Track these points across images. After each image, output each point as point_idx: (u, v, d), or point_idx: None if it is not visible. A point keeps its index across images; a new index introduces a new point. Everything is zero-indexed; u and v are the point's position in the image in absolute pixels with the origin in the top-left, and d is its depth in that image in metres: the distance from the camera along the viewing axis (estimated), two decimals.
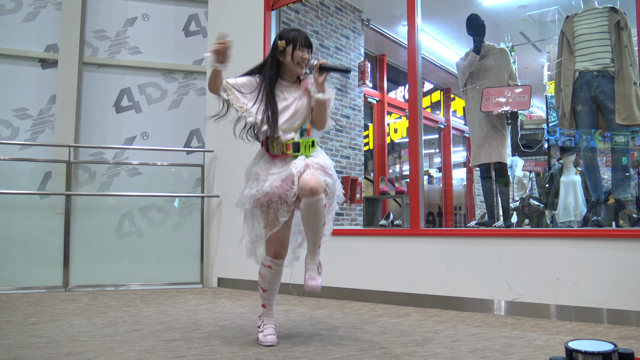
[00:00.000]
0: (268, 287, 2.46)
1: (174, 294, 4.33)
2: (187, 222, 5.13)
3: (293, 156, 2.35)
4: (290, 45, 2.42)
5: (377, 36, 6.68)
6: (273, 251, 2.38)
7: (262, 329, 2.46)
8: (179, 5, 5.50)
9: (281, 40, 2.43)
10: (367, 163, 6.78)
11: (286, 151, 2.36)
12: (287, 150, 2.36)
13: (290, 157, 2.35)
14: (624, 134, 3.71)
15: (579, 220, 4.77)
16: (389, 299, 3.72)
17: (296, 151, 2.36)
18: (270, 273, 2.42)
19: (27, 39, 5.09)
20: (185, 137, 5.40)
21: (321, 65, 2.36)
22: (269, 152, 2.40)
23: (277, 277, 2.45)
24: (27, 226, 4.79)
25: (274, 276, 2.43)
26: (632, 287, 2.82)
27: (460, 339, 2.49)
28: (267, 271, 2.42)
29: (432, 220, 6.40)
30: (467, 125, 4.93)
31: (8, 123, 4.97)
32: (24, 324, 2.95)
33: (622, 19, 3.70)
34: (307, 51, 2.42)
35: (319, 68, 2.37)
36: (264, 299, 2.50)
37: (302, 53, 2.41)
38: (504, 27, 6.06)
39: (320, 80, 2.37)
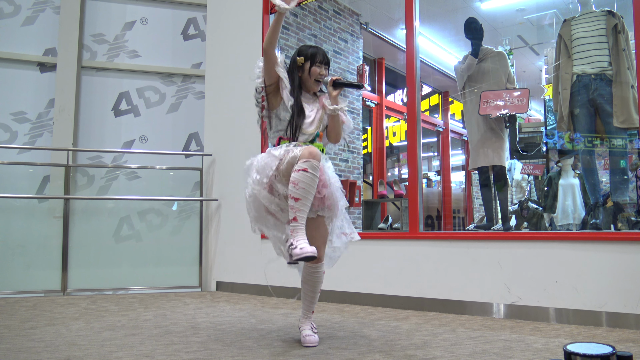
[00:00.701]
0: (302, 195, 2.16)
1: (173, 298, 4.32)
2: (186, 225, 5.12)
3: None
4: (309, 61, 2.48)
5: (376, 40, 6.70)
6: (309, 151, 2.18)
7: (295, 245, 2.14)
8: (177, 9, 5.51)
9: (300, 57, 2.49)
10: (365, 166, 6.78)
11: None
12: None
13: None
14: (621, 137, 3.72)
15: (577, 223, 4.77)
16: (387, 303, 3.71)
17: None
18: (305, 178, 2.15)
19: (26, 42, 5.09)
20: (184, 140, 5.40)
21: (335, 81, 2.45)
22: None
23: (313, 184, 2.18)
24: (25, 230, 4.78)
25: (309, 181, 2.16)
26: (630, 290, 2.82)
27: (459, 343, 2.49)
28: (300, 175, 2.15)
29: (431, 224, 6.40)
30: (465, 129, 4.95)
31: (6, 127, 4.96)
32: (22, 328, 2.94)
33: (619, 23, 3.71)
34: (324, 68, 2.49)
35: (333, 83, 2.45)
36: (296, 210, 2.18)
37: (320, 69, 2.48)
38: (501, 30, 6.08)
39: (334, 94, 2.45)
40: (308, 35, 5.52)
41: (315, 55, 2.48)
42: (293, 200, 2.18)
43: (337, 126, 2.52)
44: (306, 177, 2.16)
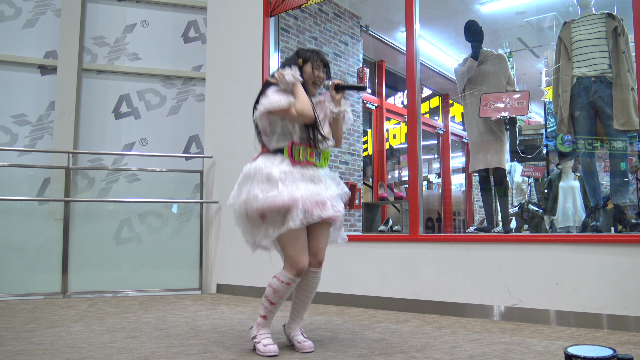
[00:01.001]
0: (277, 302, 2.37)
1: (173, 300, 4.32)
2: (186, 228, 5.12)
3: (315, 164, 2.41)
4: (308, 63, 2.46)
5: (376, 42, 6.70)
6: (298, 268, 2.30)
7: (259, 340, 2.36)
8: (178, 12, 5.52)
9: (299, 59, 2.48)
10: (366, 169, 6.78)
11: (309, 158, 2.40)
12: (311, 158, 2.40)
13: (312, 164, 2.40)
14: (622, 139, 3.72)
15: (577, 225, 4.77)
16: (388, 305, 3.71)
17: (318, 160, 2.43)
18: (285, 289, 2.33)
19: (27, 45, 5.10)
20: (184, 143, 5.40)
21: (337, 85, 2.46)
22: (292, 159, 2.37)
23: (290, 292, 2.37)
24: (25, 232, 4.78)
25: (287, 291, 2.35)
26: (631, 293, 2.82)
27: (459, 345, 2.49)
28: (282, 287, 2.32)
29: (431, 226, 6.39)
30: (465, 131, 4.95)
31: (7, 129, 4.97)
32: (23, 330, 2.94)
33: (619, 25, 3.72)
34: (322, 70, 2.48)
35: (335, 87, 2.46)
36: (269, 311, 2.39)
37: (318, 72, 2.46)
38: (501, 33, 6.09)
39: (337, 98, 2.47)
40: (308, 37, 5.52)
41: (314, 57, 2.47)
42: (268, 302, 2.37)
43: (341, 129, 2.54)
44: (286, 289, 2.33)
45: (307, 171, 2.37)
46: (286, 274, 2.31)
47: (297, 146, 2.38)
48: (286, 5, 4.64)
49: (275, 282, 2.34)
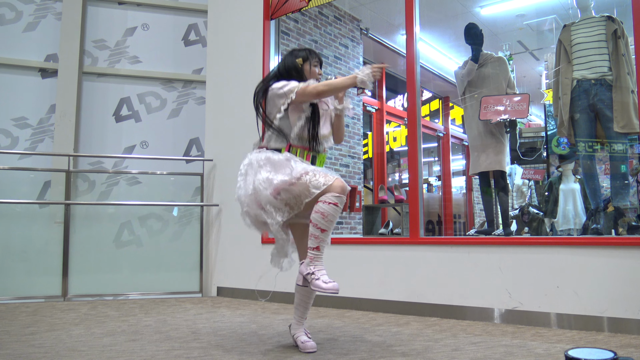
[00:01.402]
0: (328, 227, 2.26)
1: (173, 304, 4.32)
2: (187, 231, 5.12)
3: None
4: (307, 62, 2.52)
5: (376, 45, 6.71)
6: (341, 186, 2.25)
7: (317, 276, 2.23)
8: (178, 15, 5.53)
9: (298, 58, 2.52)
10: (366, 171, 6.79)
11: (305, 161, 2.44)
12: (307, 161, 2.45)
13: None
14: (622, 141, 3.72)
15: (578, 228, 4.77)
16: (388, 308, 3.71)
17: (313, 164, 2.46)
18: (334, 212, 2.23)
19: (27, 48, 5.11)
20: (185, 146, 5.40)
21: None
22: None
23: (337, 216, 2.28)
24: (26, 235, 4.78)
25: (336, 214, 2.25)
26: (632, 295, 2.82)
27: (460, 348, 2.48)
28: (331, 209, 2.22)
29: (432, 229, 6.40)
30: (466, 134, 4.95)
31: (8, 132, 4.97)
32: (23, 334, 2.94)
33: (619, 28, 3.72)
34: (319, 67, 2.56)
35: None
36: (320, 240, 2.27)
37: (317, 69, 2.54)
38: (501, 35, 6.10)
39: (340, 95, 2.55)
40: (309, 40, 5.54)
41: (311, 56, 2.53)
42: (319, 231, 2.25)
43: (342, 126, 2.61)
44: (336, 211, 2.24)
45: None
46: (332, 195, 2.23)
47: (295, 148, 2.43)
48: (286, 8, 4.65)
49: (322, 207, 2.23)
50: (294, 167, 2.31)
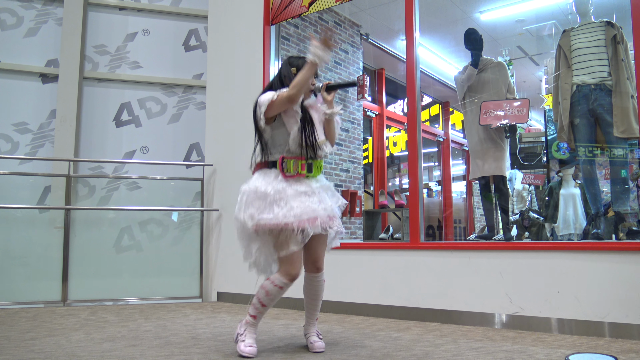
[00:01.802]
0: (268, 304, 2.43)
1: (173, 309, 4.31)
2: (187, 236, 5.11)
3: (307, 176, 2.45)
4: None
5: (376, 50, 6.73)
6: (293, 274, 2.37)
7: (243, 338, 2.45)
8: (179, 21, 5.55)
9: (293, 68, 2.53)
10: (366, 176, 6.79)
11: (301, 171, 2.43)
12: (302, 171, 2.44)
13: (304, 177, 2.44)
14: (622, 146, 3.72)
15: (578, 233, 4.76)
16: (389, 313, 3.70)
17: (309, 172, 2.45)
18: (278, 293, 2.39)
19: (28, 54, 5.12)
20: (185, 151, 5.41)
21: (328, 85, 2.52)
22: (284, 172, 2.42)
23: (281, 295, 2.43)
24: (26, 240, 4.77)
25: (279, 295, 2.41)
26: (633, 301, 2.81)
27: (461, 354, 2.48)
28: (275, 291, 2.38)
29: (432, 234, 6.39)
30: (466, 139, 4.95)
31: (8, 137, 4.98)
32: (22, 339, 2.93)
33: (618, 33, 3.73)
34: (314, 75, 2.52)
35: (327, 88, 2.52)
36: (259, 312, 2.46)
37: (312, 78, 2.50)
38: (501, 41, 6.11)
39: (329, 98, 2.53)
40: (309, 46, 5.54)
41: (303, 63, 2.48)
42: (260, 304, 2.43)
43: (333, 130, 2.58)
44: (279, 293, 2.39)
45: (299, 186, 2.40)
46: (281, 279, 2.37)
47: (288, 160, 2.42)
48: (287, 13, 4.67)
49: (268, 285, 2.38)
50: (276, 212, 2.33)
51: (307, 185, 2.42)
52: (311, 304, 2.61)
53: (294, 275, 2.37)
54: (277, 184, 2.38)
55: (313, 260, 2.51)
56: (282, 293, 2.40)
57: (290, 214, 2.31)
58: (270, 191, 2.36)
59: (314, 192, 2.42)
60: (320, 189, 2.47)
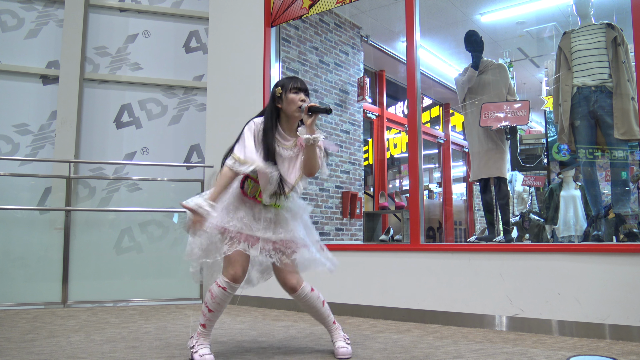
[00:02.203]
0: (215, 309, 2.35)
1: (174, 310, 4.31)
2: (187, 237, 5.10)
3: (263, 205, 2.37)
4: (286, 90, 2.40)
5: (376, 52, 6.74)
6: (233, 274, 2.30)
7: (196, 349, 2.34)
8: (179, 22, 5.55)
9: (277, 88, 2.43)
10: (366, 178, 6.79)
11: (258, 197, 2.37)
12: (259, 198, 2.37)
13: (260, 204, 2.37)
14: (622, 148, 3.72)
15: (579, 234, 4.76)
16: (389, 315, 3.70)
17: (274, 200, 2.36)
18: (222, 295, 2.32)
19: (29, 55, 5.13)
20: (185, 152, 5.41)
21: (309, 108, 2.33)
22: (243, 190, 2.38)
23: (227, 300, 2.36)
24: (26, 242, 4.77)
25: (225, 299, 2.34)
26: (634, 303, 2.81)
27: (461, 355, 2.47)
28: (220, 292, 2.31)
29: (432, 235, 6.39)
30: (466, 140, 4.96)
31: (8, 139, 4.98)
32: (22, 340, 2.93)
33: (618, 35, 3.74)
34: (302, 93, 2.40)
35: (308, 110, 2.33)
36: (207, 319, 2.38)
37: (297, 96, 2.38)
38: (502, 43, 6.12)
39: (309, 122, 2.33)
40: (309, 47, 5.55)
41: (290, 83, 2.41)
42: (206, 309, 2.36)
43: (312, 158, 2.36)
44: (225, 296, 2.32)
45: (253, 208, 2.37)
46: (222, 278, 2.32)
47: (250, 181, 2.37)
48: (287, 15, 4.67)
49: (213, 287, 2.34)
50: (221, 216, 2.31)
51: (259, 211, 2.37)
52: (315, 316, 2.54)
53: (233, 275, 2.29)
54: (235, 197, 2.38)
55: (281, 282, 2.44)
56: (228, 297, 2.33)
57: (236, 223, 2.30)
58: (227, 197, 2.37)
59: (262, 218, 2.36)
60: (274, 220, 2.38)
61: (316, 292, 2.47)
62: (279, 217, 2.40)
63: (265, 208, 2.38)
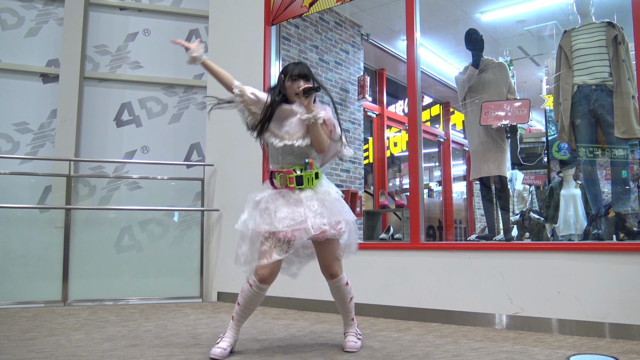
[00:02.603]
0: (244, 304, 2.46)
1: (174, 309, 4.31)
2: (187, 236, 5.12)
3: (297, 189, 2.47)
4: (287, 77, 2.54)
5: (377, 51, 6.73)
6: (261, 275, 2.39)
7: (218, 341, 2.48)
8: (179, 21, 5.55)
9: (281, 75, 2.59)
10: (367, 177, 6.78)
11: (289, 184, 2.47)
12: (290, 184, 2.47)
13: (294, 190, 2.47)
14: (623, 147, 3.72)
15: (579, 233, 4.76)
16: (389, 313, 3.70)
17: (299, 184, 2.47)
18: (251, 293, 2.43)
19: (29, 54, 5.13)
20: (186, 151, 5.41)
21: (303, 91, 2.45)
22: (274, 185, 2.50)
23: (257, 300, 2.45)
24: (26, 240, 4.78)
25: (254, 297, 2.43)
26: (634, 301, 2.81)
27: (461, 354, 2.48)
28: (248, 290, 2.43)
29: (433, 234, 6.39)
30: (466, 139, 4.95)
31: (9, 137, 4.98)
32: (22, 339, 2.93)
33: (619, 34, 3.73)
34: (301, 81, 2.51)
35: (303, 92, 2.45)
36: (236, 312, 2.50)
37: (294, 84, 2.51)
38: (502, 41, 6.11)
39: (305, 103, 2.46)
40: (309, 46, 5.55)
41: (290, 70, 2.54)
42: (237, 304, 2.49)
43: (318, 135, 2.49)
44: (252, 293, 2.42)
45: (290, 196, 2.45)
46: (252, 277, 2.43)
47: (277, 173, 2.49)
48: (287, 14, 4.67)
49: (245, 286, 2.46)
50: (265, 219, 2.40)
51: (296, 197, 2.45)
52: (339, 307, 2.63)
53: (261, 275, 2.38)
54: (268, 195, 2.47)
55: (324, 267, 2.53)
56: (257, 294, 2.42)
57: (279, 224, 2.36)
58: (259, 199, 2.46)
59: (301, 201, 2.43)
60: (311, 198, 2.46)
61: (350, 287, 2.60)
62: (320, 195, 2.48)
63: (302, 192, 2.46)
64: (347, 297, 2.59)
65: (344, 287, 2.57)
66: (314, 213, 2.40)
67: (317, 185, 2.51)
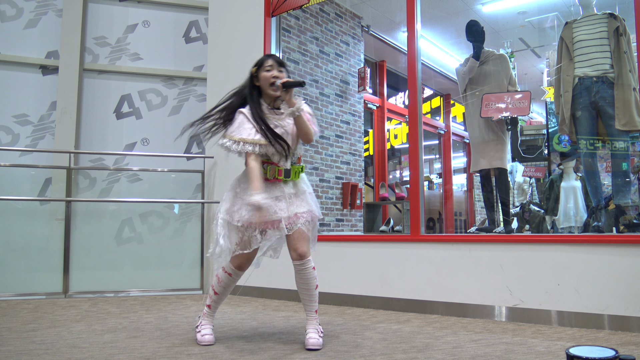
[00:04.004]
0: (221, 292, 2.60)
1: (174, 300, 4.32)
2: (187, 228, 5.12)
3: (283, 181, 2.51)
4: (261, 68, 2.52)
5: (377, 42, 6.70)
6: (238, 264, 2.51)
7: (199, 329, 2.59)
8: (179, 12, 5.52)
9: (253, 68, 2.56)
10: (367, 169, 6.78)
11: (278, 176, 2.50)
12: (279, 176, 2.50)
13: (281, 182, 2.51)
14: (623, 139, 3.71)
15: (579, 225, 4.76)
16: (389, 305, 3.71)
17: (287, 177, 2.52)
18: (228, 280, 2.56)
19: (28, 45, 5.11)
20: (186, 143, 5.40)
21: (284, 84, 2.42)
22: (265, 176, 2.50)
23: (233, 284, 2.59)
24: (27, 232, 4.78)
25: (230, 283, 2.58)
26: (633, 293, 2.82)
27: (461, 346, 2.48)
28: (226, 277, 2.55)
29: (433, 226, 6.39)
30: (467, 131, 4.94)
31: (8, 129, 4.97)
32: (24, 330, 2.94)
33: (621, 25, 3.71)
34: (277, 70, 2.49)
35: (283, 86, 2.42)
36: (213, 301, 2.63)
37: (270, 72, 2.49)
38: (503, 33, 6.08)
39: (286, 97, 2.44)
40: (309, 37, 5.53)
41: (264, 60, 2.52)
42: (212, 292, 2.61)
43: (304, 126, 2.49)
44: (230, 280, 2.56)
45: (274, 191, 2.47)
46: (229, 265, 2.52)
47: (267, 165, 2.50)
48: (287, 5, 4.64)
49: (220, 272, 2.56)
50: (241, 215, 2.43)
51: (281, 191, 2.49)
52: (304, 295, 2.51)
53: (238, 263, 2.50)
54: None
55: (294, 247, 2.45)
56: (232, 281, 2.56)
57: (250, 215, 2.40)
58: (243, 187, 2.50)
59: (284, 197, 2.48)
60: (293, 195, 2.51)
61: (315, 272, 2.52)
62: (298, 190, 2.54)
63: (286, 184, 2.51)
64: (312, 283, 2.48)
65: (311, 270, 2.47)
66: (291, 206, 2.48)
67: (300, 178, 2.58)
